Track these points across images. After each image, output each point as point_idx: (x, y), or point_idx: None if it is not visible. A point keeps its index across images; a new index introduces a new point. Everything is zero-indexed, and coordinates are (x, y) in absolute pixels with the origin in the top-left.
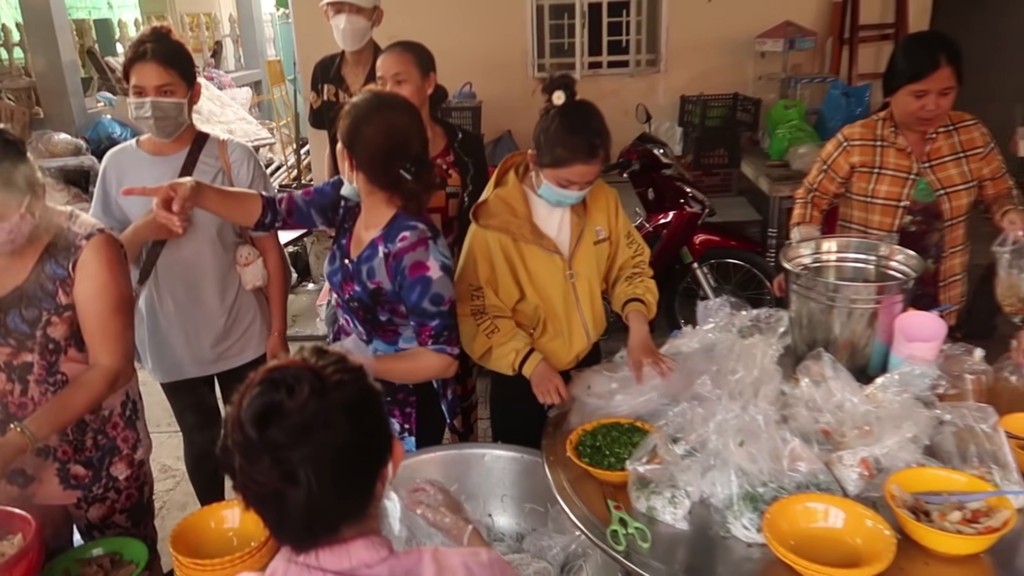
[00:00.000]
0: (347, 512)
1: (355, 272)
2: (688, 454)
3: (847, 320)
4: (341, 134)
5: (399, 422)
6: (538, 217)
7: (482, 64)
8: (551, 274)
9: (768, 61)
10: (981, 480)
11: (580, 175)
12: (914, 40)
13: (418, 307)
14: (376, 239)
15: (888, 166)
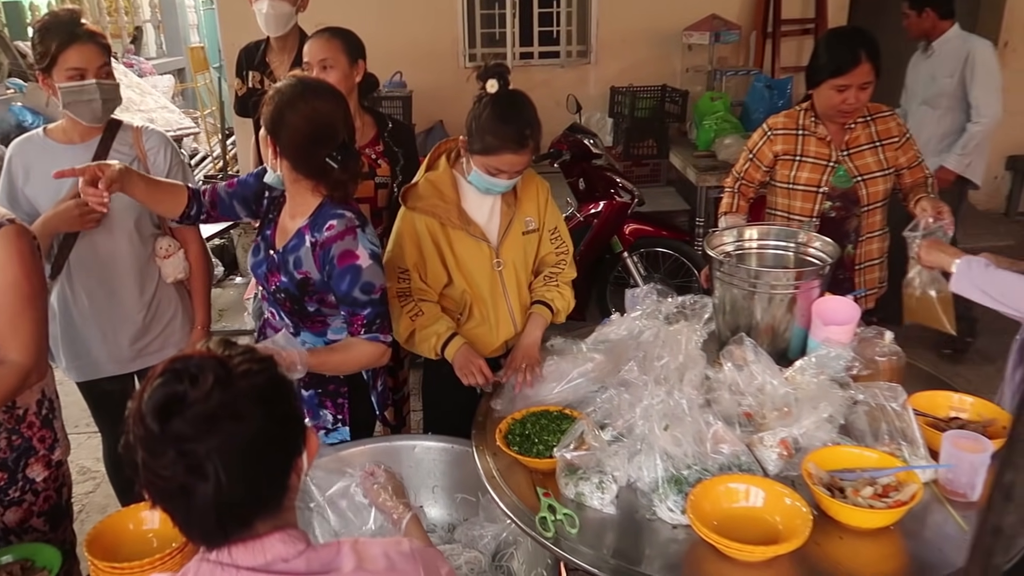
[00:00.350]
0: (260, 506)
1: (281, 262)
2: (615, 439)
3: (768, 305)
4: (264, 120)
5: (332, 413)
6: (468, 203)
7: (413, 53)
8: (478, 261)
9: (695, 54)
10: (891, 456)
11: (509, 164)
12: (835, 36)
13: (349, 296)
14: (302, 228)
15: (809, 154)
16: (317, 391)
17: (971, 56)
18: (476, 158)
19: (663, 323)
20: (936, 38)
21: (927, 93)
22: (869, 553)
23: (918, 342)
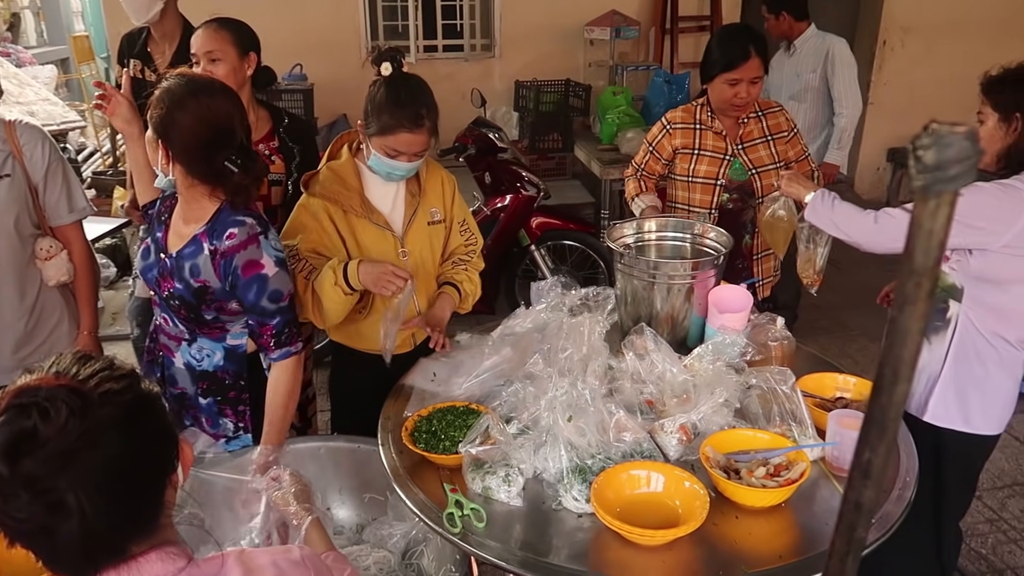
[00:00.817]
0: (133, 530)
1: (175, 268)
2: (521, 432)
3: (667, 295)
4: (153, 123)
5: (232, 421)
6: (371, 193)
7: (313, 45)
8: (382, 250)
9: (597, 49)
10: (782, 437)
11: (407, 144)
12: (726, 33)
13: (257, 306)
14: (199, 235)
15: (707, 148)
16: (216, 399)
17: (830, 52)
18: (374, 140)
19: (567, 315)
20: (796, 38)
21: (793, 89)
22: (763, 530)
23: (809, 327)
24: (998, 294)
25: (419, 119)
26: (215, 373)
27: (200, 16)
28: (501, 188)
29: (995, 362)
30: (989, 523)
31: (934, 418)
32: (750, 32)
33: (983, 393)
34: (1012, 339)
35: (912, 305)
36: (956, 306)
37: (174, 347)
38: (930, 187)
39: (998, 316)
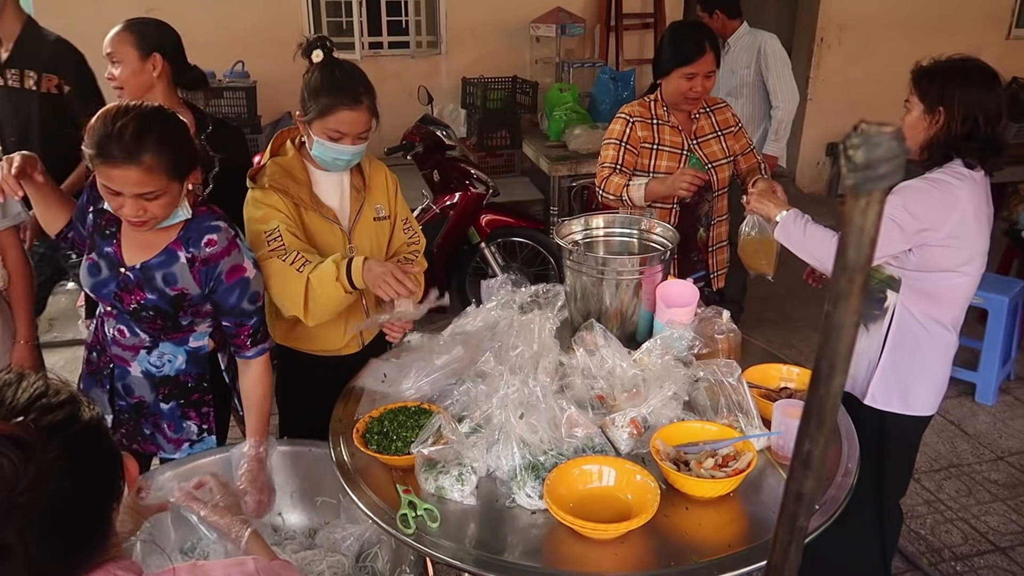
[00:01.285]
0: (81, 558)
1: (142, 280)
2: (473, 431)
3: (616, 291)
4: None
5: (197, 424)
6: (318, 187)
7: (255, 43)
8: (331, 245)
9: (543, 46)
10: (729, 428)
11: (348, 123)
12: (682, 28)
13: (237, 308)
14: (171, 245)
15: (665, 143)
16: (179, 403)
17: (763, 48)
18: (315, 126)
19: (517, 312)
20: (730, 36)
21: (729, 85)
22: (713, 520)
23: (755, 318)
24: (934, 281)
25: (357, 95)
26: (177, 377)
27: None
28: (450, 186)
29: (930, 346)
30: (927, 504)
31: (874, 402)
32: (703, 28)
33: (920, 376)
34: (946, 321)
35: (846, 300)
36: (893, 296)
37: (130, 357)
38: (861, 185)
39: (932, 300)
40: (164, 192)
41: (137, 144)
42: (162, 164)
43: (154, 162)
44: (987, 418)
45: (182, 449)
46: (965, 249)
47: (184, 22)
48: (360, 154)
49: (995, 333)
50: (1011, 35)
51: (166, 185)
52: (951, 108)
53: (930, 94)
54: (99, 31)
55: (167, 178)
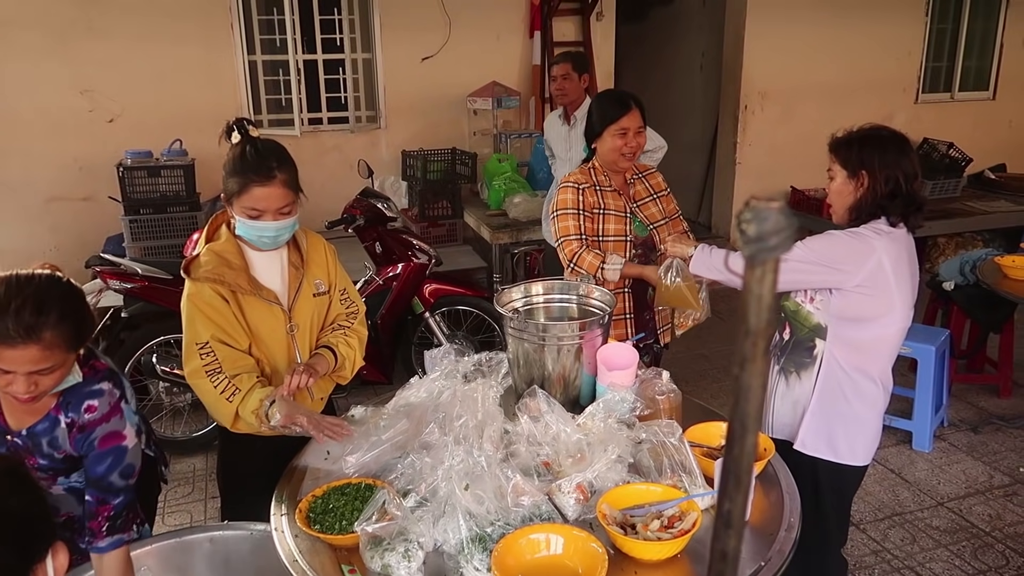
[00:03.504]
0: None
1: (30, 446)
2: (419, 505)
3: (557, 356)
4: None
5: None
6: (255, 269)
7: (193, 120)
8: (271, 327)
9: (480, 118)
10: (674, 488)
11: (264, 201)
12: (606, 93)
13: (104, 480)
14: (51, 410)
15: (610, 207)
16: None
17: None
18: (235, 206)
19: (461, 382)
20: (576, 110)
21: (567, 156)
22: None
23: (699, 376)
24: (857, 331)
25: (269, 171)
26: None
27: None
28: (392, 257)
29: (856, 397)
30: (874, 554)
31: (804, 447)
32: (626, 91)
33: (847, 426)
34: (872, 374)
35: (752, 363)
36: (822, 344)
37: (49, 484)
38: (756, 256)
39: (859, 353)
40: (61, 365)
41: (36, 317)
42: (62, 338)
43: (54, 338)
44: (925, 465)
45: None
46: (883, 299)
47: (122, 101)
48: (285, 229)
49: (925, 382)
50: (919, 99)
51: (64, 358)
52: (872, 170)
53: (851, 160)
54: (35, 112)
55: (65, 351)
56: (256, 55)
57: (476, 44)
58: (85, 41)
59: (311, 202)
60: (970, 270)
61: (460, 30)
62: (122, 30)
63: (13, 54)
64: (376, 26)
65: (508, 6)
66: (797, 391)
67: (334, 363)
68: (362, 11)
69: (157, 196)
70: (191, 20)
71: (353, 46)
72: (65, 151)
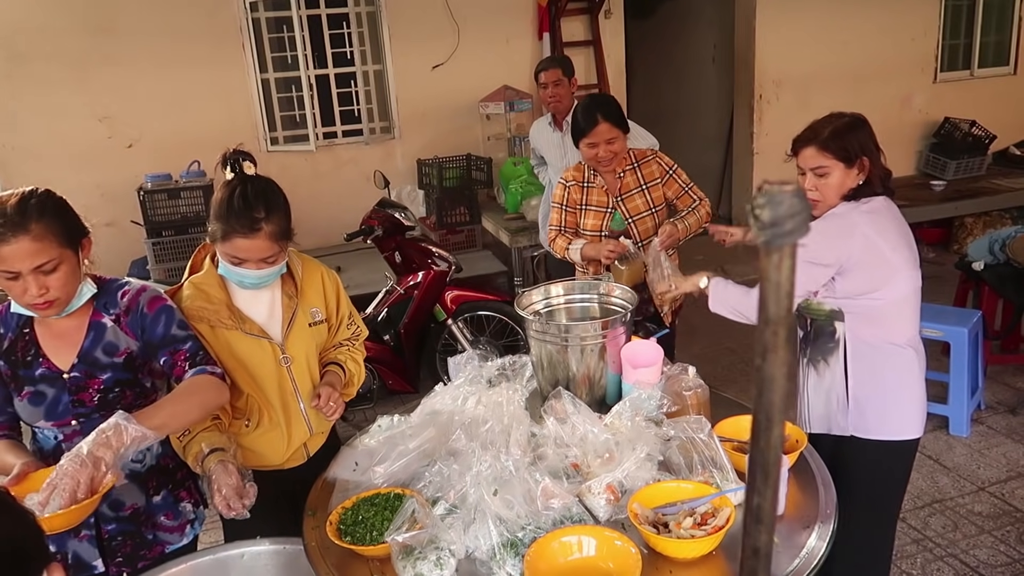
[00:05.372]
0: None
1: (89, 369)
2: (449, 512)
3: (581, 357)
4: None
5: (190, 502)
6: (241, 302)
7: (210, 141)
8: (260, 361)
9: (494, 122)
10: (705, 484)
11: (244, 250)
12: (580, 105)
13: (168, 336)
14: (93, 318)
15: (592, 203)
16: (168, 489)
17: None
18: (217, 247)
19: (486, 387)
20: (566, 116)
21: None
22: None
23: (727, 370)
24: (871, 303)
25: (254, 223)
26: (159, 463)
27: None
28: (412, 266)
29: (891, 367)
30: (915, 543)
31: (859, 432)
32: (600, 102)
33: (892, 399)
34: (899, 340)
35: (773, 353)
36: (842, 326)
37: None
38: (771, 242)
39: (879, 324)
40: (60, 261)
41: (21, 214)
42: (51, 230)
43: (42, 229)
44: (964, 450)
45: (186, 533)
46: (882, 267)
47: (138, 126)
48: (268, 277)
49: (960, 365)
50: (937, 79)
51: (60, 253)
52: (870, 152)
53: (848, 149)
54: (56, 141)
55: (59, 245)
56: (268, 73)
57: (485, 49)
58: (101, 70)
59: (329, 215)
60: (1000, 248)
61: (469, 36)
62: (137, 57)
63: (32, 86)
64: (385, 37)
65: (515, 9)
66: (828, 379)
67: (343, 378)
68: (371, 24)
69: (178, 218)
70: (203, 43)
71: (364, 58)
72: (87, 179)
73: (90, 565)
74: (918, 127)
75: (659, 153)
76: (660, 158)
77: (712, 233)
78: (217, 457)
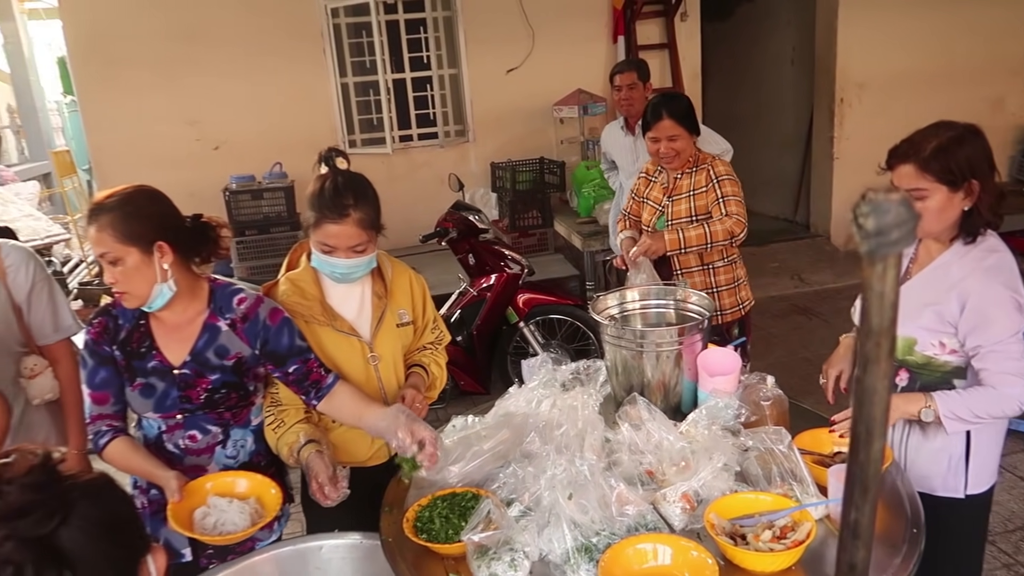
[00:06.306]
0: None
1: (199, 368)
2: (523, 514)
3: (656, 363)
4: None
5: None
6: (333, 299)
7: (292, 144)
8: (349, 357)
9: (567, 126)
10: (785, 497)
11: (334, 237)
12: (652, 99)
13: (295, 347)
14: (208, 320)
15: (650, 198)
16: None
17: None
18: (311, 238)
19: (560, 390)
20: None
21: (633, 168)
22: None
23: (805, 381)
24: None
25: (342, 209)
26: (251, 461)
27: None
28: (485, 268)
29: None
30: (1006, 568)
31: (972, 489)
32: (667, 98)
33: (986, 451)
34: None
35: (875, 365)
36: (962, 383)
37: (207, 460)
38: (875, 252)
39: None
40: (119, 256)
41: (99, 207)
42: (112, 225)
43: (105, 223)
44: None
45: (275, 529)
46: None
47: (224, 129)
48: (357, 267)
49: None
50: None
51: (119, 249)
52: (983, 174)
53: (955, 170)
54: (146, 143)
55: (116, 240)
56: (347, 77)
57: (560, 53)
58: (191, 76)
59: (404, 217)
60: None
61: (543, 40)
62: (224, 63)
63: (126, 91)
64: (461, 42)
65: (591, 13)
66: (941, 440)
67: (427, 380)
68: (447, 28)
69: (260, 218)
70: (286, 49)
71: (440, 63)
72: (176, 179)
73: (179, 553)
74: (1010, 131)
75: (716, 161)
76: (713, 166)
77: None
78: (312, 448)
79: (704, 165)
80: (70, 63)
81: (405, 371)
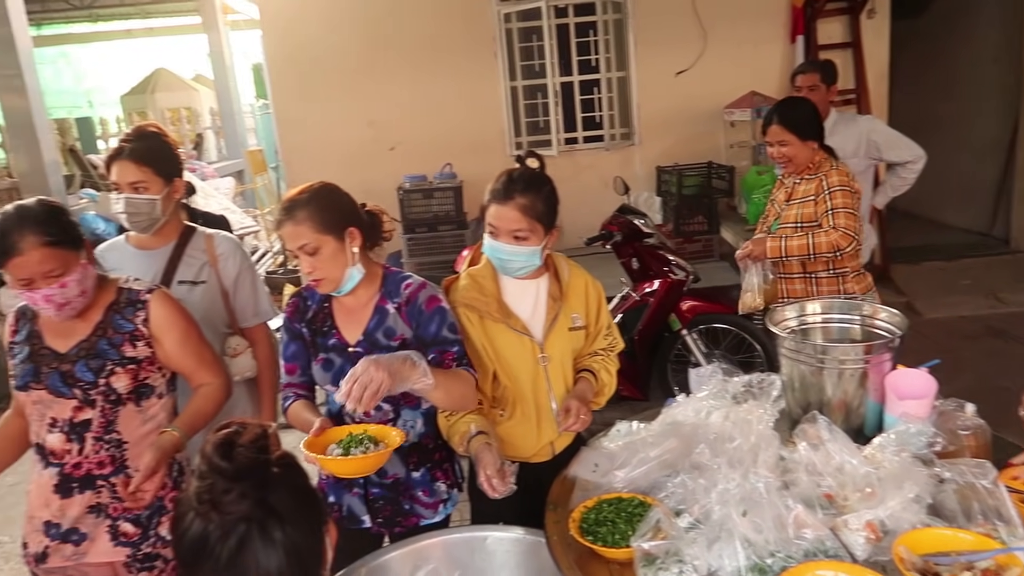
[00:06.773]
0: None
1: (370, 347)
2: (692, 527)
3: (838, 381)
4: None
5: (445, 483)
6: (509, 297)
7: (462, 145)
8: (520, 356)
9: (738, 130)
10: (988, 537)
11: (496, 218)
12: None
13: (439, 336)
14: (378, 303)
15: (777, 201)
16: (427, 468)
17: (869, 136)
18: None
19: (731, 403)
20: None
21: None
22: None
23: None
24: None
25: (509, 192)
26: (420, 442)
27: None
28: (649, 273)
29: None
30: None
31: None
32: (785, 102)
33: None
34: None
35: None
36: None
37: None
38: None
39: None
40: (318, 245)
41: (292, 205)
42: (310, 218)
43: (303, 216)
44: None
45: (439, 511)
46: None
47: (399, 131)
48: (516, 256)
49: None
50: None
51: (317, 239)
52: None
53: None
54: (330, 144)
55: (314, 231)
56: (516, 81)
57: (732, 54)
58: (371, 81)
59: (568, 220)
60: None
61: (716, 41)
62: (401, 68)
63: (316, 96)
64: (631, 44)
65: (768, 12)
66: None
67: (595, 386)
68: (617, 31)
69: (430, 216)
70: (459, 54)
71: (608, 65)
72: (355, 177)
73: (360, 519)
74: None
75: (833, 170)
76: (828, 176)
77: None
78: (483, 439)
79: (819, 173)
80: (267, 70)
81: (574, 375)
